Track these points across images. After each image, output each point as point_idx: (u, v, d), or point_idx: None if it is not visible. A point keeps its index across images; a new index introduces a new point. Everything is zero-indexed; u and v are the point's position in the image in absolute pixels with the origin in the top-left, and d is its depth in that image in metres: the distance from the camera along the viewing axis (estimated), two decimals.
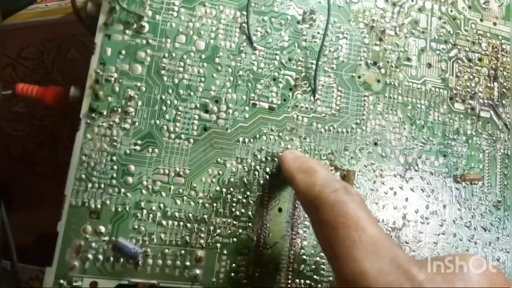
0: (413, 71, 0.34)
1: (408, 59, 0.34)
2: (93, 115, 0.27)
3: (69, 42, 0.40)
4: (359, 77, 0.32)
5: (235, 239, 0.28)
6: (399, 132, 0.33)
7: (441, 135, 0.33)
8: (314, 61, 0.31)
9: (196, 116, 0.29)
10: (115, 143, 0.27)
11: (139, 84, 0.28)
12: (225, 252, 0.27)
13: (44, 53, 0.39)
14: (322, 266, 0.29)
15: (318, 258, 0.29)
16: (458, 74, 0.35)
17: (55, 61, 0.40)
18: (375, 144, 0.32)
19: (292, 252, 0.29)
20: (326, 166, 0.30)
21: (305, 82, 0.31)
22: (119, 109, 0.27)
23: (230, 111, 0.29)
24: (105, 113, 0.27)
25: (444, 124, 0.34)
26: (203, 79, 0.29)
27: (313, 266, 0.29)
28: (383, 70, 0.33)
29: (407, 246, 0.31)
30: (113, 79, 0.27)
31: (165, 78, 0.28)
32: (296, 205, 0.29)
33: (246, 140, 0.29)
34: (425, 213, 0.32)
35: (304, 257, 0.29)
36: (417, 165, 0.33)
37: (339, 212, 0.22)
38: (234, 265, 0.27)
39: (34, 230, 0.34)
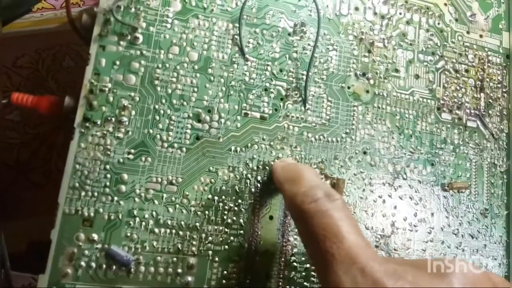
0: (401, 82, 0.34)
1: (397, 70, 0.34)
2: (87, 124, 0.27)
3: (64, 51, 0.40)
4: (348, 87, 0.33)
5: (226, 247, 0.28)
6: (388, 141, 0.33)
7: (429, 144, 0.34)
8: (305, 72, 0.31)
9: (189, 126, 0.29)
10: (108, 152, 0.27)
11: (132, 94, 0.28)
12: (216, 259, 0.28)
13: (39, 62, 0.40)
14: (313, 273, 0.29)
15: (308, 265, 0.29)
16: (446, 85, 0.35)
17: (50, 70, 0.40)
18: (364, 153, 0.32)
19: (283, 259, 0.29)
20: (315, 170, 0.30)
21: (296, 92, 0.31)
22: (113, 119, 0.27)
23: (222, 120, 0.29)
24: (99, 122, 0.27)
25: (432, 134, 0.34)
26: (196, 89, 0.29)
27: (304, 273, 0.29)
28: (372, 81, 0.33)
29: (396, 253, 0.32)
30: (107, 89, 0.28)
31: (158, 88, 0.29)
32: (287, 213, 0.30)
33: (238, 149, 0.30)
34: (413, 220, 0.32)
35: (295, 264, 0.29)
36: (406, 174, 0.33)
37: (319, 223, 0.22)
38: (225, 272, 0.28)
39: (27, 237, 0.34)
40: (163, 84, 0.29)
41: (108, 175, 0.27)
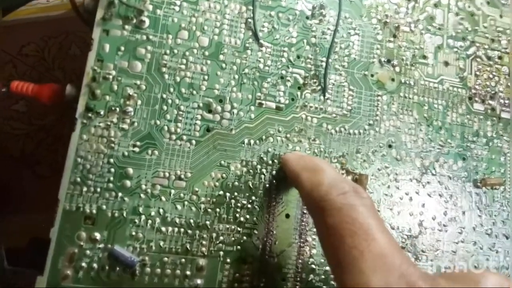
0: (430, 70, 0.32)
1: (424, 57, 0.32)
2: (89, 114, 0.26)
3: (71, 39, 0.39)
4: (372, 75, 0.31)
5: (239, 247, 0.26)
6: (415, 133, 0.31)
7: (460, 137, 0.32)
8: (324, 59, 0.30)
9: (199, 116, 0.27)
10: (112, 145, 0.26)
11: (138, 82, 0.27)
12: (228, 260, 0.26)
13: (45, 50, 0.38)
14: (332, 276, 0.27)
15: (328, 268, 0.28)
16: (477, 73, 0.33)
17: (56, 58, 0.38)
18: (390, 146, 0.30)
19: (300, 261, 0.27)
20: (333, 166, 0.28)
21: (315, 80, 0.29)
22: (117, 109, 0.26)
23: (235, 111, 0.28)
24: (102, 112, 0.26)
25: (463, 126, 0.32)
26: (206, 77, 0.28)
27: (323, 276, 0.27)
28: (397, 68, 0.31)
29: (424, 255, 0.30)
30: (111, 76, 0.26)
31: (166, 76, 0.27)
32: (305, 211, 0.28)
33: (252, 141, 0.28)
34: (443, 220, 0.30)
35: (313, 266, 0.27)
36: (435, 169, 0.31)
37: (347, 217, 0.20)
38: (237, 274, 0.26)
39: (30, 232, 0.32)
40: (171, 71, 0.27)
41: (112, 170, 0.25)
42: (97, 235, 0.25)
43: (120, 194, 0.25)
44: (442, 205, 0.31)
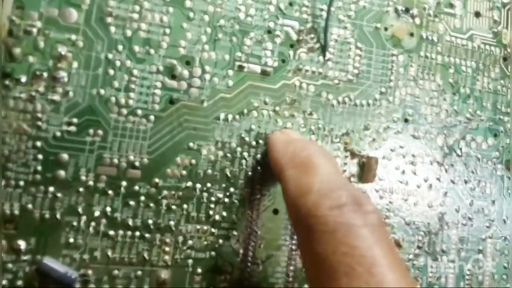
0: (457, 22, 0.28)
1: (451, 6, 0.28)
2: (6, 82, 0.20)
3: None
4: (385, 29, 0.26)
5: (213, 253, 0.22)
6: (438, 104, 0.27)
7: (492, 108, 0.28)
8: (325, 7, 0.25)
9: (159, 84, 0.22)
10: (39, 123, 0.20)
11: (74, 37, 0.21)
12: (199, 271, 0.22)
13: None
14: None
15: None
16: None
17: None
18: (406, 120, 0.26)
19: (291, 268, 0.23)
20: (333, 158, 0.23)
21: (312, 36, 0.25)
22: (45, 74, 0.21)
23: (207, 76, 0.23)
24: (24, 79, 0.20)
25: (496, 94, 0.28)
26: (167, 30, 0.22)
27: None
28: (417, 20, 0.27)
29: (444, 255, 0.26)
30: (35, 30, 0.21)
31: (112, 29, 0.21)
32: None
33: (230, 117, 0.23)
34: (468, 211, 0.27)
35: None
36: (460, 149, 0.27)
37: (343, 244, 0.15)
38: None
39: None
40: (118, 22, 0.22)
41: (40, 156, 0.20)
42: (21, 244, 0.20)
43: (51, 189, 0.20)
44: (468, 194, 0.27)
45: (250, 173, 0.23)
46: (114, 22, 0.21)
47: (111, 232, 0.21)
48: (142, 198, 0.21)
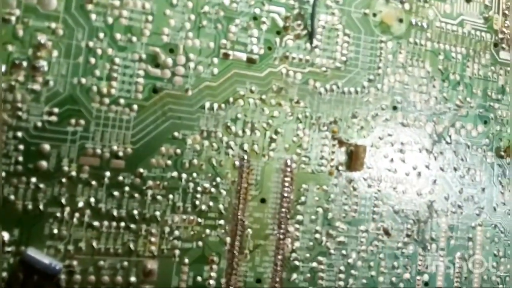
0: (447, 7, 0.28)
1: None
2: None
3: None
4: (374, 14, 0.26)
5: (200, 243, 0.22)
6: (427, 91, 0.27)
7: (482, 95, 0.28)
8: None
9: (141, 72, 0.22)
10: (19, 113, 0.20)
11: (53, 25, 0.21)
12: (186, 261, 0.22)
13: None
14: (321, 274, 0.24)
15: (315, 264, 0.24)
16: (506, 12, 0.29)
17: None
18: (394, 108, 0.26)
19: (279, 257, 0.23)
20: None
21: (299, 22, 0.25)
22: (25, 63, 0.20)
23: (191, 64, 0.23)
24: (3, 69, 0.20)
25: (486, 80, 0.28)
26: (150, 17, 0.22)
27: (308, 275, 0.24)
28: (407, 6, 0.27)
29: (434, 243, 0.26)
30: (14, 18, 0.21)
31: (93, 17, 0.21)
32: (285, 194, 0.24)
33: (215, 106, 0.23)
34: (458, 199, 0.27)
35: (297, 263, 0.24)
36: (449, 136, 0.27)
37: None
38: (199, 278, 0.22)
39: None
40: (99, 10, 0.22)
41: (21, 147, 0.20)
42: (5, 235, 0.20)
43: (33, 180, 0.20)
44: (457, 181, 0.27)
45: (236, 162, 0.23)
46: (95, 9, 0.21)
47: (96, 223, 0.21)
48: (127, 188, 0.21)
